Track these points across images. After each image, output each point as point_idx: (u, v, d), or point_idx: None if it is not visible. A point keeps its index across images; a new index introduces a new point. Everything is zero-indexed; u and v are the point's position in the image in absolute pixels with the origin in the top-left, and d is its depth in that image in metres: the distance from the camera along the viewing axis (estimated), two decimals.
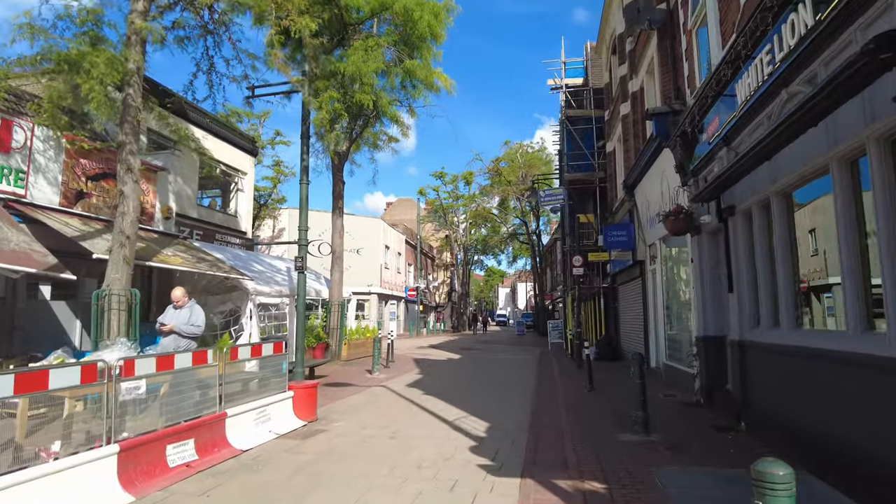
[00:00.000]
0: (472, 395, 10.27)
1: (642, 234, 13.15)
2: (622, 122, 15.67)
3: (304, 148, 11.37)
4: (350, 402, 9.58)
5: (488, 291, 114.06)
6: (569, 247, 19.39)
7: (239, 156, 20.02)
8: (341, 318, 16.33)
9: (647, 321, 13.12)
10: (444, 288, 63.45)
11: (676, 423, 7.42)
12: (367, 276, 36.64)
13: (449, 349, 22.80)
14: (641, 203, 12.87)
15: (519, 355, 20.27)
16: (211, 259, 12.33)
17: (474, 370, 14.81)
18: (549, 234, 47.23)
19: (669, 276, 11.48)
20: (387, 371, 14.39)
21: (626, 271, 15.37)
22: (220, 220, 18.88)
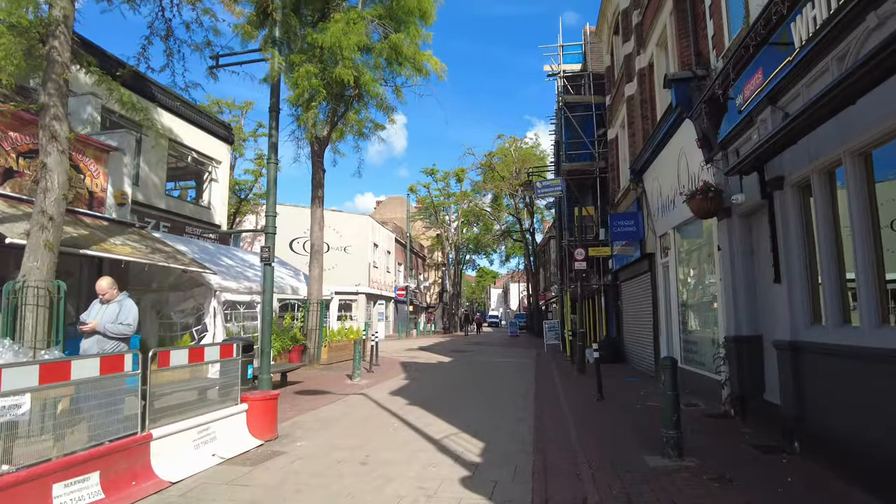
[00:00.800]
0: (463, 404, 8.94)
1: (652, 223, 11.89)
2: (626, 105, 14.43)
3: (272, 123, 9.99)
4: (322, 415, 8.21)
5: (480, 292, 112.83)
6: (567, 241, 18.15)
7: (213, 143, 18.60)
8: (321, 318, 14.94)
9: (657, 320, 11.86)
10: (436, 288, 62.10)
11: (709, 441, 6.13)
12: (355, 275, 35.26)
13: (439, 352, 21.46)
14: (651, 189, 11.62)
15: (514, 358, 18.97)
16: (169, 250, 10.92)
17: (466, 375, 13.48)
18: (542, 233, 46.07)
19: (686, 270, 10.22)
20: (369, 376, 13.02)
21: (631, 266, 14.11)
22: (191, 211, 17.45)
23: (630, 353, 15.11)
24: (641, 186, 12.34)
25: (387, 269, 41.72)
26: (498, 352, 21.98)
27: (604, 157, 18.36)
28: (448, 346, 25.62)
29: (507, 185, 35.22)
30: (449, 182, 45.43)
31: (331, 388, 10.97)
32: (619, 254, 15.62)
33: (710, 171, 7.96)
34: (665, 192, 10.60)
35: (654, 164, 11.26)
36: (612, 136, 17.28)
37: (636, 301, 14.08)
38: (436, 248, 56.12)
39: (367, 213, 37.47)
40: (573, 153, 18.78)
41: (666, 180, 10.50)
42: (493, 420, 7.54)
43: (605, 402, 8.69)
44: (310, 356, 14.71)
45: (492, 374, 13.72)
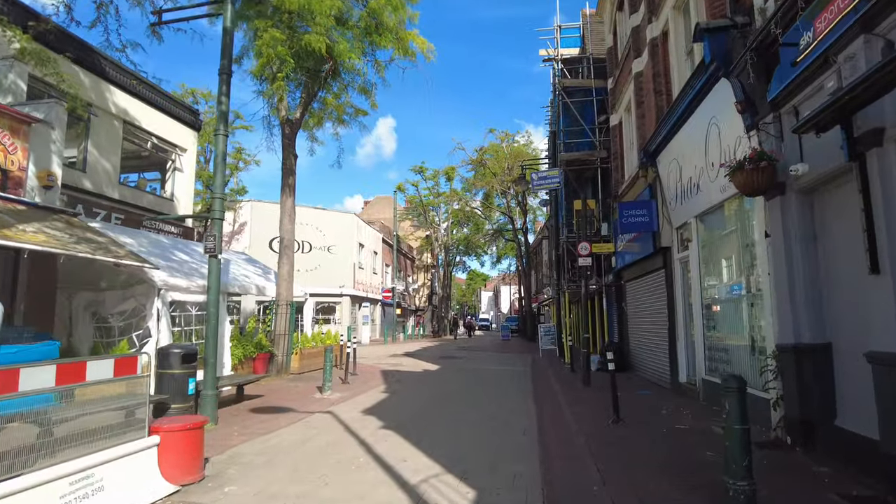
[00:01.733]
0: (450, 428, 7.31)
1: (667, 213, 10.36)
2: (634, 83, 12.92)
3: (222, 88, 8.34)
4: (272, 442, 6.54)
5: (470, 295, 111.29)
6: (566, 238, 16.60)
7: (176, 128, 16.85)
8: (291, 321, 13.24)
9: (673, 324, 10.31)
10: (425, 291, 60.42)
11: (779, 485, 4.55)
12: (339, 276, 33.56)
13: (426, 358, 19.79)
14: (667, 173, 10.09)
15: (507, 365, 17.37)
16: (102, 241, 9.18)
17: (454, 387, 11.84)
18: (535, 234, 44.61)
19: (713, 264, 8.67)
20: (343, 388, 11.35)
21: (639, 264, 12.57)
22: (150, 202, 15.71)
23: (637, 360, 13.57)
24: (655, 171, 10.81)
25: (373, 271, 40.03)
26: (490, 358, 20.36)
27: (605, 146, 16.85)
28: (436, 351, 23.95)
29: (498, 182, 33.65)
30: (438, 181, 43.85)
31: (294, 404, 9.29)
32: (623, 250, 14.09)
33: (753, 141, 6.42)
34: (687, 175, 9.06)
35: (672, 144, 9.73)
36: (615, 122, 15.77)
37: (646, 302, 12.54)
38: (425, 250, 54.47)
39: (352, 212, 35.74)
40: (572, 142, 17.25)
41: (688, 160, 8.96)
42: (487, 453, 5.91)
43: (626, 427, 7.09)
44: (277, 365, 13.00)
45: (484, 385, 12.09)
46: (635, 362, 13.80)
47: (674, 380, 10.33)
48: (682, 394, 9.75)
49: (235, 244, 31.64)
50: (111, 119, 14.17)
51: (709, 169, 8.07)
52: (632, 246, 13.10)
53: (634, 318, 13.96)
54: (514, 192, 34.77)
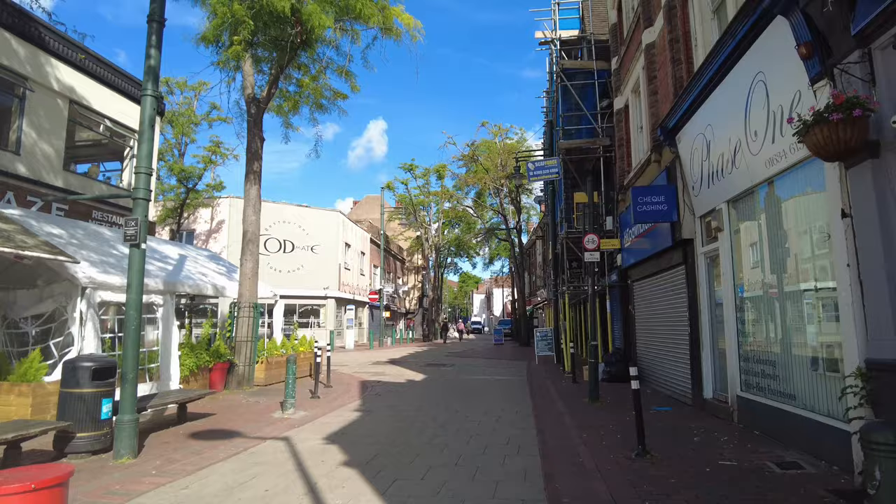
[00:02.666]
0: (430, 466, 5.69)
1: (689, 200, 8.83)
2: (645, 57, 11.42)
3: (150, 39, 6.73)
4: (190, 490, 4.90)
5: (462, 297, 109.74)
6: (565, 234, 15.05)
7: (135, 112, 15.13)
8: (254, 326, 11.58)
9: (696, 329, 8.78)
10: (415, 293, 58.80)
11: None
12: (324, 277, 31.89)
13: (411, 365, 18.16)
14: (690, 152, 8.57)
15: (501, 374, 15.78)
16: (7, 228, 7.51)
17: (439, 404, 10.22)
18: (528, 234, 43.16)
19: (752, 257, 7.14)
20: (311, 405, 9.72)
21: (652, 260, 11.05)
22: (103, 193, 14.01)
23: (647, 369, 12.03)
24: (673, 152, 9.28)
25: (360, 272, 38.38)
26: (481, 366, 18.75)
27: (608, 133, 15.36)
28: (424, 357, 22.31)
29: (491, 178, 32.11)
30: (429, 179, 42.26)
31: (246, 427, 7.66)
32: (631, 247, 12.58)
33: (822, 94, 4.89)
34: (717, 151, 7.54)
35: (697, 117, 8.20)
36: (619, 106, 14.27)
37: (659, 304, 11.01)
38: (415, 251, 52.84)
39: (336, 209, 34.09)
40: (571, 128, 15.74)
41: (720, 133, 7.44)
42: None
43: (655, 463, 5.51)
44: (239, 376, 11.33)
45: (474, 401, 10.49)
46: (645, 372, 12.25)
47: (697, 394, 8.78)
48: (708, 412, 8.20)
49: (213, 244, 29.90)
50: (53, 97, 12.51)
51: (749, 140, 6.54)
52: (641, 242, 11.59)
53: (644, 323, 12.42)
54: (507, 189, 33.26)
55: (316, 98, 15.17)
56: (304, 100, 15.36)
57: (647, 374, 12.13)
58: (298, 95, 15.30)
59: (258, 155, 12.43)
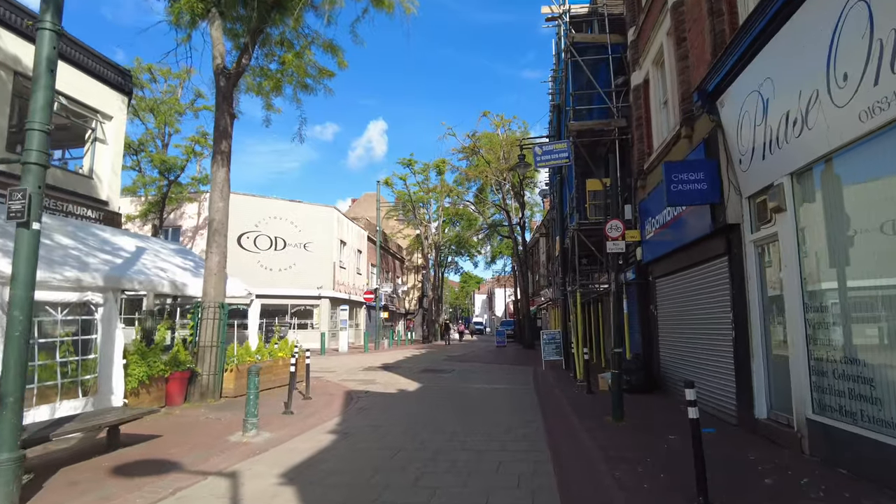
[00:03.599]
0: None
1: (734, 177, 7.27)
2: (672, 17, 9.87)
3: None
4: None
5: (463, 298, 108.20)
6: (576, 226, 13.47)
7: (97, 89, 13.68)
8: (221, 329, 10.02)
9: (743, 332, 7.21)
10: (415, 293, 57.27)
11: None
12: (317, 276, 30.36)
13: (406, 372, 16.60)
14: (738, 117, 7.00)
15: (504, 381, 14.23)
16: None
17: (433, 421, 8.67)
18: (530, 231, 41.61)
19: (833, 243, 5.56)
20: (281, 423, 8.17)
21: (682, 252, 9.48)
22: (56, 179, 12.53)
23: (674, 379, 10.47)
24: (714, 120, 7.71)
25: (357, 271, 36.86)
26: (482, 371, 17.18)
27: (624, 113, 13.80)
28: (420, 362, 20.73)
29: (493, 171, 30.51)
30: (429, 175, 40.68)
31: (188, 456, 6.12)
32: (653, 238, 11.03)
33: None
34: (779, 110, 5.97)
35: (749, 72, 6.64)
36: (638, 81, 12.71)
37: (691, 303, 9.44)
38: (415, 249, 51.29)
39: (330, 206, 32.54)
40: (583, 108, 14.17)
41: (784, 86, 5.88)
42: None
43: None
44: (202, 387, 9.79)
45: (474, 418, 8.92)
46: (671, 382, 10.70)
47: (745, 413, 7.22)
48: (763, 436, 6.64)
49: (200, 241, 28.38)
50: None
51: (833, 86, 4.99)
52: (667, 232, 10.04)
53: (669, 325, 10.85)
54: (510, 183, 31.66)
55: (300, 76, 13.69)
56: (288, 78, 13.88)
57: (671, 383, 10.57)
58: (281, 73, 13.83)
59: (227, 133, 10.88)
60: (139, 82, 24.18)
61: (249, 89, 13.94)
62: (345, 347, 25.99)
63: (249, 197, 29.58)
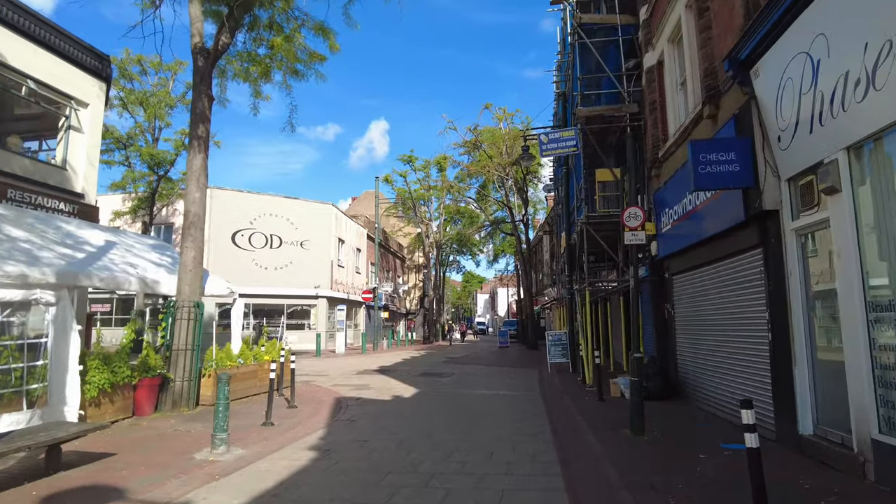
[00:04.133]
0: None
1: (771, 157, 6.34)
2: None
3: None
4: None
5: (466, 298, 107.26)
6: (584, 219, 12.52)
7: (70, 74, 12.76)
8: (196, 330, 9.12)
9: (783, 335, 6.27)
10: (417, 292, 56.35)
11: None
12: (315, 275, 29.50)
13: (403, 375, 15.69)
14: (779, 86, 6.07)
15: (508, 386, 13.31)
16: None
17: (429, 435, 7.76)
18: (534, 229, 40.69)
19: None
20: (256, 437, 7.27)
21: (704, 246, 8.55)
22: (24, 169, 11.66)
23: (694, 385, 9.54)
24: (747, 92, 6.77)
25: (356, 270, 35.99)
26: (485, 375, 16.25)
27: (636, 98, 12.85)
28: (419, 364, 19.81)
29: (495, 166, 29.56)
30: (429, 172, 39.73)
31: (140, 480, 5.22)
32: (670, 232, 10.10)
33: None
34: (836, 70, 5.04)
35: (794, 31, 5.71)
36: (652, 63, 11.78)
37: (716, 301, 8.49)
38: (416, 248, 50.38)
39: (328, 203, 31.66)
40: (591, 93, 13.23)
41: (843, 41, 4.95)
42: None
43: None
44: (175, 395, 8.89)
45: (475, 432, 8.00)
46: (690, 388, 9.76)
47: (785, 427, 6.28)
48: (811, 456, 5.70)
49: None
50: None
51: None
52: (687, 224, 9.13)
53: (689, 326, 9.91)
54: (513, 179, 30.70)
55: (290, 61, 12.85)
56: (277, 63, 13.05)
57: (692, 389, 9.64)
58: (270, 59, 12.99)
59: (205, 117, 9.99)
60: (128, 74, 23.36)
61: (237, 75, 13.08)
62: (342, 349, 25.10)
63: (244, 193, 28.71)
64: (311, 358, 21.88)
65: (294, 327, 29.12)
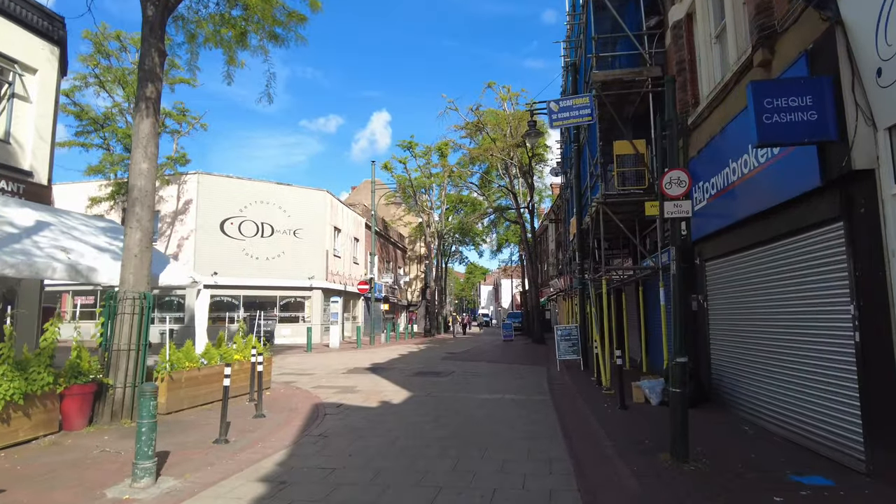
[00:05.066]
0: None
1: (863, 100, 4.77)
2: None
3: None
4: None
5: (470, 289, 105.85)
6: (602, 198, 10.93)
7: (13, 34, 11.26)
8: (142, 327, 7.63)
9: (879, 333, 4.73)
10: (418, 284, 54.88)
11: None
12: (309, 265, 28.07)
13: (395, 374, 14.22)
14: (879, 6, 4.49)
15: (514, 389, 11.83)
16: None
17: (414, 460, 6.27)
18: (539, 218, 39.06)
19: None
20: (199, 461, 5.79)
21: (756, 223, 6.99)
22: None
23: (733, 391, 8.02)
24: (828, 17, 5.18)
25: (353, 260, 34.55)
26: (487, 374, 14.76)
27: (658, 61, 11.26)
28: (416, 361, 18.34)
29: (498, 150, 27.90)
30: (430, 159, 38.03)
31: None
32: (708, 208, 8.57)
33: None
34: None
35: None
36: (679, 17, 10.15)
37: (769, 291, 6.93)
38: (417, 238, 48.85)
39: (323, 189, 30.14)
40: (607, 55, 11.61)
41: None
42: None
43: None
44: (114, 405, 7.43)
45: (472, 455, 6.51)
46: (727, 394, 8.24)
47: (884, 458, 4.75)
48: None
49: (179, 227, 26.10)
50: None
51: None
52: (727, 200, 7.60)
53: (727, 321, 8.37)
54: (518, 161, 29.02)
55: (267, 23, 11.38)
56: (253, 26, 11.58)
57: (730, 397, 8.11)
58: (245, 20, 11.53)
59: (155, 75, 8.44)
60: (105, 50, 21.80)
61: (208, 40, 11.62)
62: (336, 343, 23.66)
63: (233, 179, 27.20)
64: (302, 353, 20.45)
65: (288, 320, 27.72)
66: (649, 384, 9.12)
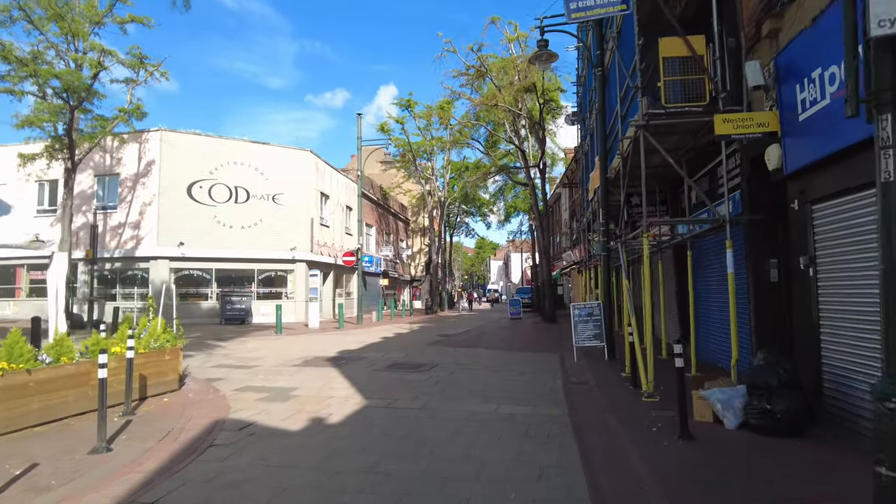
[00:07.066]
0: None
1: None
2: None
3: None
4: None
5: (479, 265, 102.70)
6: (643, 115, 7.50)
7: None
8: None
9: None
10: (423, 258, 51.73)
11: None
12: (291, 235, 24.97)
13: (361, 369, 11.10)
14: None
15: (515, 391, 8.66)
16: None
17: None
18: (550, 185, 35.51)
19: None
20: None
21: None
22: None
23: (851, 402, 4.71)
24: None
25: (346, 231, 31.40)
26: (483, 367, 11.56)
27: None
28: (398, 346, 15.19)
29: (504, 99, 24.25)
30: (431, 121, 34.36)
31: None
32: (817, 120, 5.18)
33: None
34: None
35: None
36: None
37: None
38: (420, 210, 45.51)
39: (307, 149, 26.80)
40: None
41: None
42: None
43: None
44: None
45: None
46: (852, 414, 4.96)
47: None
48: None
49: (142, 190, 23.00)
50: None
51: None
52: None
53: (855, 299, 5.05)
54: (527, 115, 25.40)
55: None
56: None
57: (863, 418, 4.81)
58: None
59: None
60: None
61: None
62: (316, 323, 20.64)
63: (202, 137, 23.94)
64: (269, 336, 17.44)
65: (268, 296, 24.76)
66: (722, 395, 5.88)
